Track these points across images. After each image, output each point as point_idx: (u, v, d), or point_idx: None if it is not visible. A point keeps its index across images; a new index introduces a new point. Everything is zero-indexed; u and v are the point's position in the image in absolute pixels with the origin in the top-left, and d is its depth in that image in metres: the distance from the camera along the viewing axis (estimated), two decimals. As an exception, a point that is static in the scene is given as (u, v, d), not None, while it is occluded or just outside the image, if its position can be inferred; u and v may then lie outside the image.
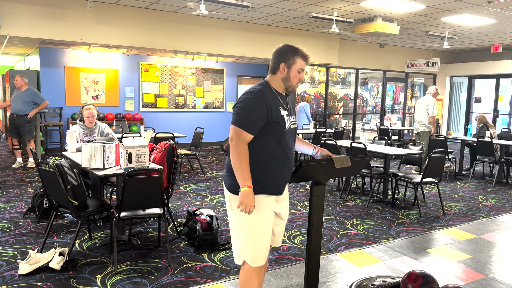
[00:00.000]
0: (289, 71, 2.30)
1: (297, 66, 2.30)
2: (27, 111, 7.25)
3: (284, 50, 2.30)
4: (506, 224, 4.87)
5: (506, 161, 7.37)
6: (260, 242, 2.29)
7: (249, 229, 2.27)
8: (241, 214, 2.26)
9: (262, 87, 2.28)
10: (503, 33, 9.82)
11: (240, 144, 2.18)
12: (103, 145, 3.68)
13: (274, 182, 2.30)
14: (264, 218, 2.29)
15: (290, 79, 2.31)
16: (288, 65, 2.29)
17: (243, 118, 2.18)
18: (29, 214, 4.65)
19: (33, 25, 7.13)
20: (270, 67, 2.35)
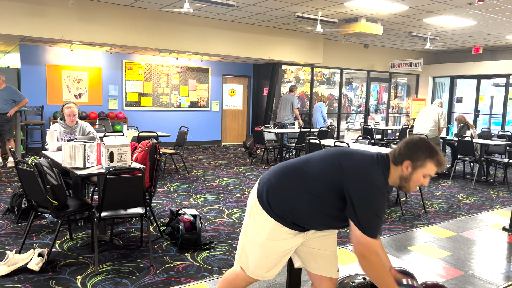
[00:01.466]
0: (413, 173, 1.90)
1: (425, 171, 1.90)
2: (6, 110, 7.10)
3: (417, 147, 1.89)
4: (485, 222, 4.97)
5: (485, 160, 7.52)
6: (264, 262, 2.09)
7: (255, 246, 2.08)
8: (254, 228, 2.08)
9: (384, 181, 1.89)
10: (484, 35, 10.01)
11: (376, 259, 1.84)
12: (84, 144, 3.62)
13: (301, 225, 2.04)
14: (275, 246, 2.05)
15: (410, 181, 1.92)
16: (415, 165, 1.89)
17: (376, 224, 1.83)
18: (8, 215, 4.56)
19: (13, 22, 6.99)
20: (396, 157, 1.92)
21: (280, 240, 2.05)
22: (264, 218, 2.05)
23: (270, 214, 2.03)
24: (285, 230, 2.04)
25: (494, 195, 6.42)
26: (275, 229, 2.03)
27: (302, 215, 1.99)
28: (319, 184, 1.93)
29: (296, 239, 2.09)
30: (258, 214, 2.07)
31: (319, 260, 2.18)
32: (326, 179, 1.92)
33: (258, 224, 2.07)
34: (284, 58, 10.26)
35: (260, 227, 2.07)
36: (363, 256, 1.85)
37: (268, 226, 2.04)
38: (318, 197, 1.93)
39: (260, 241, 2.06)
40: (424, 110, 7.68)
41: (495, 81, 12.71)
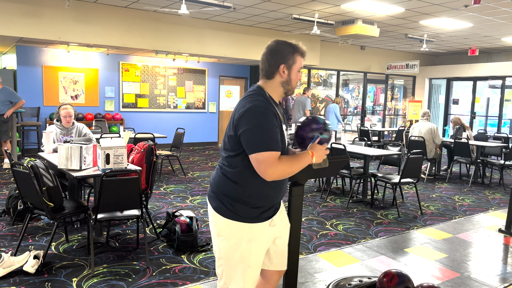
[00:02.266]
0: (290, 73, 1.96)
1: (297, 65, 1.97)
2: (3, 111, 7.08)
3: (281, 49, 1.94)
4: (482, 224, 4.99)
5: (482, 162, 7.55)
6: (250, 274, 2.01)
7: (239, 260, 1.98)
8: (228, 243, 1.99)
9: (264, 98, 1.92)
10: (480, 37, 10.06)
11: (275, 165, 1.82)
12: (80, 145, 3.61)
13: (271, 206, 2.03)
14: (257, 248, 2.01)
15: (291, 81, 1.98)
16: (288, 66, 1.94)
17: (266, 137, 1.82)
18: (4, 217, 4.54)
19: (10, 23, 6.96)
20: (265, 71, 1.97)
21: (256, 240, 1.99)
22: (231, 226, 1.97)
23: (235, 218, 1.96)
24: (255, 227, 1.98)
25: (490, 197, 6.44)
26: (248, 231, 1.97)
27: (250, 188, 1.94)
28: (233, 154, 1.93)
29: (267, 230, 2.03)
30: (220, 223, 1.99)
31: (279, 256, 2.18)
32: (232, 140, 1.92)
33: (226, 237, 1.99)
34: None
35: (231, 239, 1.98)
36: (264, 171, 1.82)
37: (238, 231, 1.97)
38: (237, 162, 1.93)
39: (239, 252, 1.98)
40: (416, 127, 7.62)
41: (491, 83, 12.78)
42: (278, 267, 2.20)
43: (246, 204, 1.95)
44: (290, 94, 2.02)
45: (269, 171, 1.82)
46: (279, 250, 2.18)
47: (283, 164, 1.85)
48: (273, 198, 2.02)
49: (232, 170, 1.94)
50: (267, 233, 2.04)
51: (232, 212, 1.95)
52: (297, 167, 1.91)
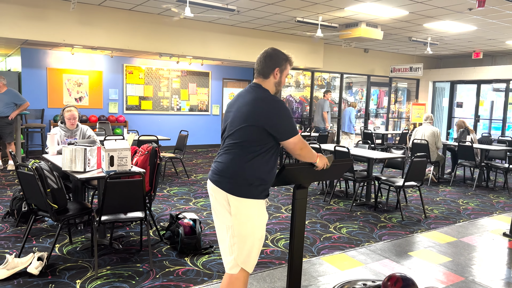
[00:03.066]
0: (281, 76, 2.35)
1: (287, 71, 2.37)
2: (7, 113, 7.11)
3: (277, 55, 2.33)
4: (486, 227, 4.96)
5: (486, 165, 7.51)
6: (259, 246, 2.31)
7: (252, 235, 2.25)
8: (243, 220, 2.24)
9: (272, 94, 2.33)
10: (484, 40, 10.04)
11: (306, 144, 2.32)
12: (84, 147, 3.62)
13: (269, 185, 2.35)
14: (263, 221, 2.32)
15: (281, 84, 2.37)
16: (281, 70, 2.33)
17: (293, 124, 2.27)
18: (8, 218, 4.55)
19: (15, 26, 7.01)
20: (262, 72, 2.32)
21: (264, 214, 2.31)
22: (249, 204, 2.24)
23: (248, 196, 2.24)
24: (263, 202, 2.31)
25: (495, 201, 6.41)
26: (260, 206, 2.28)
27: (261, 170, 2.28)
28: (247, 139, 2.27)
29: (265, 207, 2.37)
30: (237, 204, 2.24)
31: None
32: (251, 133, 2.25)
33: (245, 215, 2.24)
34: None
35: (249, 216, 2.25)
36: (301, 149, 2.28)
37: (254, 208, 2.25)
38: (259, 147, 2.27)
39: (254, 227, 2.26)
40: (419, 130, 7.62)
41: (495, 86, 12.74)
42: None
43: (255, 184, 2.23)
44: (277, 94, 2.40)
45: (303, 149, 2.28)
46: None
47: (306, 144, 2.33)
48: (271, 180, 2.34)
49: (247, 155, 2.22)
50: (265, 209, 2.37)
51: (245, 192, 2.22)
52: (310, 154, 2.36)
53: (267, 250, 3.95)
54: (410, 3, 6.85)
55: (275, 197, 6.06)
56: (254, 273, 3.40)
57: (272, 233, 4.44)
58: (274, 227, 4.65)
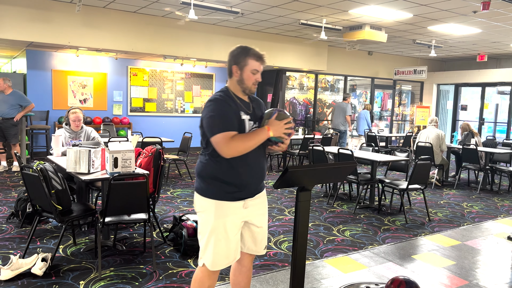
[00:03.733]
0: (242, 73, 2.24)
1: (250, 67, 2.23)
2: (13, 114, 7.16)
3: (235, 52, 2.26)
4: (490, 231, 4.94)
5: (490, 169, 7.48)
6: (219, 247, 2.24)
7: (210, 233, 2.24)
8: (204, 218, 2.27)
9: (220, 94, 2.24)
10: (489, 43, 10.01)
11: (229, 143, 2.10)
12: (88, 149, 3.64)
13: (238, 188, 2.24)
14: (225, 224, 2.23)
15: (244, 81, 2.25)
16: (240, 67, 2.23)
17: (217, 122, 2.13)
18: (12, 219, 4.58)
19: (20, 28, 7.06)
20: (228, 71, 2.31)
21: (225, 216, 2.23)
22: (205, 202, 2.25)
23: (207, 195, 2.24)
24: (227, 205, 2.23)
25: (499, 204, 6.38)
26: (219, 207, 2.22)
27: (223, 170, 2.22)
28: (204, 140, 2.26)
29: (240, 211, 2.27)
30: (200, 201, 2.28)
31: (254, 241, 2.41)
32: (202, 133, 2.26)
33: (203, 212, 2.27)
34: (288, 65, 10.28)
35: (206, 214, 2.26)
36: (221, 149, 2.11)
37: (211, 207, 2.23)
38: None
39: (210, 225, 2.23)
40: (423, 133, 7.61)
41: (500, 89, 12.69)
42: (250, 251, 2.43)
43: (215, 183, 2.22)
44: (249, 93, 2.29)
45: (224, 149, 2.11)
46: (255, 237, 2.41)
47: (237, 140, 2.11)
48: (244, 179, 2.24)
49: (206, 155, 2.25)
50: (238, 213, 2.27)
51: (206, 191, 2.25)
52: (252, 142, 2.15)
53: (270, 252, 3.95)
54: (414, 6, 6.85)
55: (278, 200, 6.06)
56: (256, 275, 3.40)
57: (275, 236, 4.44)
58: (277, 230, 4.65)
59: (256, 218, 2.38)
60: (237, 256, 2.33)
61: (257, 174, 2.30)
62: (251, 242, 2.41)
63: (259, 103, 2.43)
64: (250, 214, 2.34)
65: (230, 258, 2.30)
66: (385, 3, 6.73)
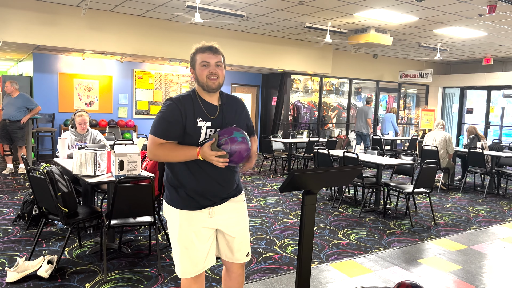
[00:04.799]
0: (195, 71, 2.16)
1: (199, 61, 2.14)
2: (19, 117, 7.21)
3: (190, 56, 2.23)
4: (497, 235, 4.90)
5: (497, 172, 7.43)
6: (186, 256, 2.18)
7: (177, 241, 2.20)
8: (171, 226, 2.23)
9: (184, 95, 2.17)
10: (494, 46, 9.96)
11: (154, 148, 2.08)
12: (94, 152, 3.66)
13: (198, 195, 2.16)
14: (190, 233, 2.16)
15: (199, 77, 2.14)
16: (193, 66, 2.18)
17: (156, 124, 2.10)
18: (18, 221, 4.60)
19: (27, 31, 7.12)
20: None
21: (188, 226, 2.17)
22: (171, 211, 2.21)
23: (170, 203, 2.21)
24: (191, 214, 2.17)
25: (506, 208, 6.33)
26: (183, 216, 2.17)
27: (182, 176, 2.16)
28: None
29: (204, 219, 2.19)
30: (167, 211, 2.24)
31: (232, 250, 2.33)
32: None
33: (169, 220, 2.24)
34: (293, 68, 10.29)
35: (172, 222, 2.22)
36: (148, 152, 2.11)
37: (177, 216, 2.18)
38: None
39: (175, 235, 2.20)
40: (430, 135, 7.58)
41: (506, 92, 12.62)
42: (229, 259, 2.36)
43: (178, 191, 2.18)
44: (208, 89, 2.14)
45: (149, 151, 2.12)
46: (231, 246, 2.32)
47: (163, 148, 2.08)
48: (203, 186, 2.16)
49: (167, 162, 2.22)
50: (203, 221, 2.19)
51: (169, 199, 2.22)
52: (178, 157, 2.09)
53: (275, 256, 3.94)
54: (419, 9, 6.84)
55: (283, 203, 6.05)
56: (262, 278, 3.39)
57: (281, 239, 4.43)
58: (282, 233, 4.64)
59: (228, 227, 2.27)
60: (208, 264, 2.24)
61: (217, 182, 2.17)
62: (228, 251, 2.33)
63: (234, 106, 2.26)
64: (220, 223, 2.24)
65: (199, 266, 2.20)
66: (391, 6, 6.72)
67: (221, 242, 2.33)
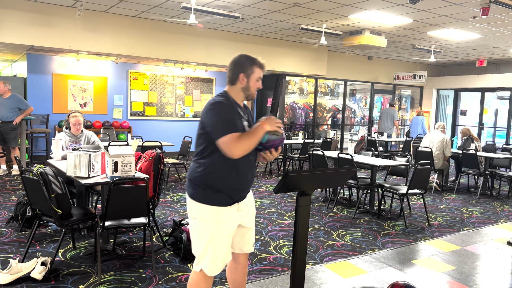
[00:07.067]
0: (249, 81, 2.34)
1: (256, 75, 2.34)
2: (12, 118, 7.16)
3: (241, 61, 2.34)
4: (490, 236, 4.93)
5: (490, 173, 7.48)
6: (218, 253, 2.31)
7: (209, 239, 2.29)
8: (201, 224, 2.30)
9: (223, 98, 2.30)
10: (488, 48, 10.04)
11: (237, 142, 2.16)
12: (88, 153, 3.65)
13: (233, 191, 2.32)
14: (224, 229, 2.31)
15: (250, 88, 2.35)
16: (247, 75, 2.33)
17: (224, 124, 2.19)
18: (12, 223, 4.57)
19: (21, 32, 7.08)
20: (229, 78, 2.37)
21: (223, 222, 2.30)
22: (203, 209, 2.29)
23: (205, 202, 2.28)
24: (224, 210, 2.30)
25: (499, 209, 6.38)
26: (217, 213, 2.28)
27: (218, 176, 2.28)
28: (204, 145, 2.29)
29: (234, 215, 2.35)
30: (196, 207, 2.31)
31: (245, 241, 2.50)
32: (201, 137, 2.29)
33: (200, 219, 2.30)
34: (288, 70, 10.31)
35: (203, 221, 2.29)
36: (230, 150, 2.16)
37: (209, 214, 2.28)
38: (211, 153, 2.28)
39: (209, 231, 2.28)
40: (428, 136, 7.64)
41: (499, 94, 12.71)
42: (241, 251, 2.52)
43: (213, 189, 2.27)
44: (251, 99, 2.40)
45: (233, 149, 2.16)
46: (245, 238, 2.49)
47: (242, 139, 2.18)
48: (237, 184, 2.32)
49: (201, 160, 2.30)
50: (233, 217, 2.35)
51: (202, 197, 2.28)
52: (254, 138, 2.20)
53: (270, 257, 3.94)
54: (414, 11, 6.88)
55: (278, 204, 6.05)
56: (256, 279, 3.40)
57: (275, 240, 4.44)
58: (277, 234, 4.65)
59: (247, 219, 2.46)
60: (230, 258, 2.41)
61: (249, 177, 2.37)
62: (241, 243, 2.48)
63: (249, 111, 2.53)
64: (243, 216, 2.43)
65: (226, 261, 2.38)
66: (385, 8, 6.76)
67: (237, 235, 2.46)
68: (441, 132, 7.53)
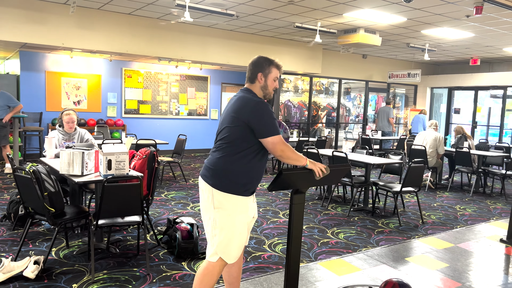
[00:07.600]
0: (266, 80, 2.51)
1: (273, 75, 2.52)
2: (1, 116, 7.09)
3: (260, 61, 2.52)
4: (483, 233, 4.97)
5: (483, 171, 7.53)
6: (240, 241, 2.46)
7: (231, 228, 2.40)
8: (225, 213, 2.39)
9: (260, 99, 2.46)
10: (481, 47, 10.09)
11: (285, 145, 2.39)
12: (82, 151, 3.62)
13: (254, 184, 2.48)
14: (245, 218, 2.46)
15: (268, 87, 2.52)
16: (265, 75, 2.50)
17: (273, 125, 2.37)
18: (4, 221, 4.54)
19: (14, 29, 7.02)
20: (248, 77, 2.54)
21: (245, 211, 2.44)
22: (227, 198, 2.39)
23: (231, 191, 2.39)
24: (246, 200, 2.44)
25: (492, 207, 6.43)
26: (241, 202, 2.41)
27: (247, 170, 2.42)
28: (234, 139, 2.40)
29: (251, 204, 2.50)
30: (218, 197, 2.39)
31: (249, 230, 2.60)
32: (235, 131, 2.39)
33: (223, 209, 2.40)
34: (283, 68, 10.27)
35: (228, 210, 2.40)
36: (282, 150, 2.37)
37: (234, 202, 2.39)
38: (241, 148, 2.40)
39: (232, 220, 2.40)
40: (421, 134, 7.67)
41: (492, 92, 12.79)
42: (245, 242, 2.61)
43: (236, 181, 2.39)
44: (268, 98, 2.54)
45: (281, 150, 2.36)
46: (249, 228, 2.60)
47: (288, 146, 2.41)
48: (257, 178, 2.49)
49: (231, 153, 2.38)
50: (251, 207, 2.51)
51: (227, 187, 2.38)
52: (295, 156, 2.42)
53: (265, 255, 3.94)
54: (408, 10, 6.90)
55: (273, 202, 6.06)
56: (251, 277, 3.40)
57: (270, 238, 4.44)
58: (272, 232, 4.65)
59: (255, 210, 2.60)
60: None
61: (262, 172, 2.53)
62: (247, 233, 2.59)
63: None
64: (254, 207, 2.59)
65: (243, 248, 2.54)
66: (380, 6, 6.77)
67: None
68: (434, 130, 7.57)
